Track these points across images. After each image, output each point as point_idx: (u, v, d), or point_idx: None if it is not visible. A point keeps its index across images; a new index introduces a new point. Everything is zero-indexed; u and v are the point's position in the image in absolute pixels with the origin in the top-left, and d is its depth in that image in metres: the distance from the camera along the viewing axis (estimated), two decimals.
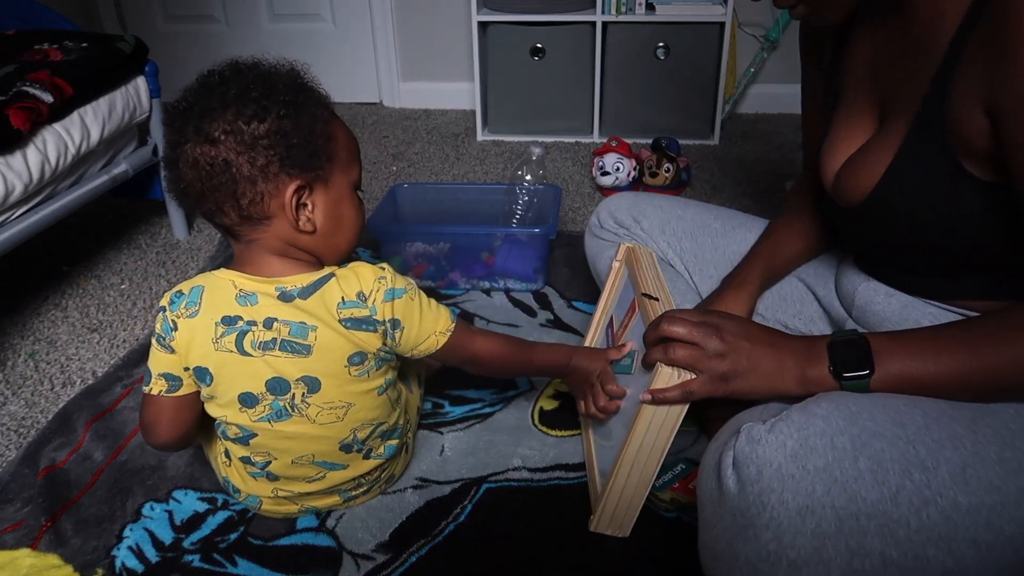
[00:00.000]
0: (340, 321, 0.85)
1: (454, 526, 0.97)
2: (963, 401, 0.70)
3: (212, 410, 0.90)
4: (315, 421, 0.88)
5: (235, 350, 0.85)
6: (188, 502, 1.02)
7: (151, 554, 0.95)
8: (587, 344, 1.18)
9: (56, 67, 1.45)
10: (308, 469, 0.93)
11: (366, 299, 0.85)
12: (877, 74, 0.85)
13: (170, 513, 1.00)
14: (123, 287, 1.63)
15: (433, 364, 1.26)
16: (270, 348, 0.85)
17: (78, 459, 1.10)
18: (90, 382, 1.30)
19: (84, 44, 1.59)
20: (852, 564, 0.61)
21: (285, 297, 0.85)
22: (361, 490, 0.98)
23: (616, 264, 1.10)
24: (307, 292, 0.85)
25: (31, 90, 1.35)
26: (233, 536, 0.97)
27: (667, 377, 0.78)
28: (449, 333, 0.90)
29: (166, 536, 0.97)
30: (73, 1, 2.67)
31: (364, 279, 0.87)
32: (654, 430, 0.82)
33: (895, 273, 0.89)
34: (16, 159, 1.31)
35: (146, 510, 1.01)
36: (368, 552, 0.94)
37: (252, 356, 0.85)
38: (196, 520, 0.99)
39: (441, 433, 1.14)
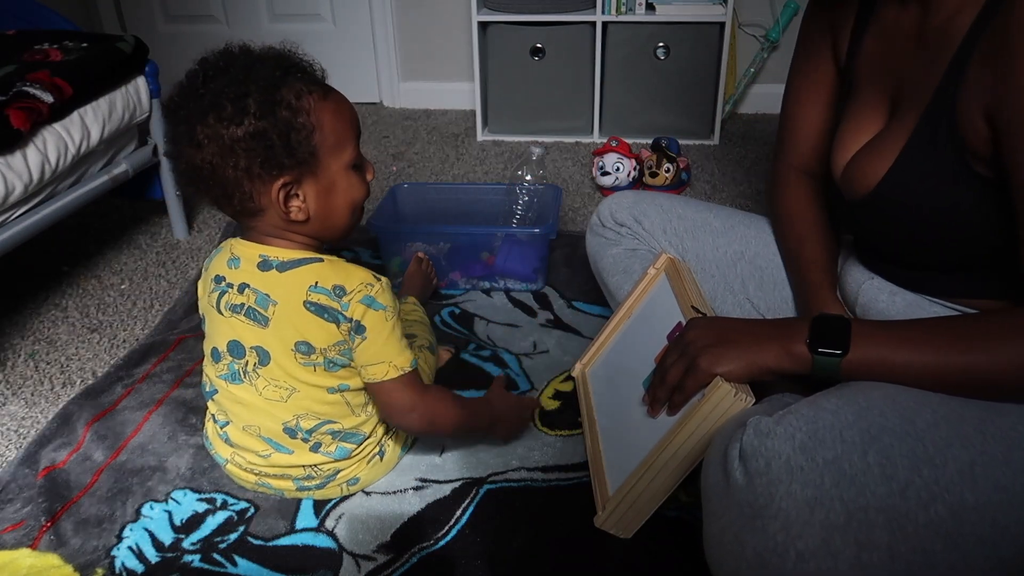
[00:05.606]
0: (305, 303, 0.86)
1: (455, 526, 0.97)
2: (937, 393, 0.70)
3: None
4: (261, 393, 0.93)
5: (215, 307, 0.92)
6: (187, 502, 1.02)
7: (151, 554, 0.94)
8: (597, 343, 1.18)
9: (56, 67, 1.45)
10: (256, 442, 0.96)
11: (343, 295, 0.86)
12: (890, 67, 0.84)
13: (169, 513, 1.00)
14: (123, 287, 1.63)
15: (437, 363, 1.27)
16: (237, 312, 0.90)
17: (78, 459, 1.10)
18: (90, 382, 1.30)
19: (84, 44, 1.59)
20: (860, 557, 0.61)
21: (264, 266, 0.88)
22: (314, 482, 0.99)
23: (652, 271, 1.10)
24: (287, 266, 0.88)
25: (31, 90, 1.35)
26: (233, 536, 0.97)
27: (724, 393, 0.77)
28: (403, 372, 0.90)
29: (166, 536, 0.97)
30: (73, 1, 2.67)
31: (350, 277, 0.88)
32: (691, 442, 0.81)
33: (899, 269, 0.89)
34: (16, 159, 1.31)
35: (146, 510, 1.01)
36: (369, 553, 0.94)
37: (223, 316, 0.91)
38: (196, 520, 0.99)
39: None
